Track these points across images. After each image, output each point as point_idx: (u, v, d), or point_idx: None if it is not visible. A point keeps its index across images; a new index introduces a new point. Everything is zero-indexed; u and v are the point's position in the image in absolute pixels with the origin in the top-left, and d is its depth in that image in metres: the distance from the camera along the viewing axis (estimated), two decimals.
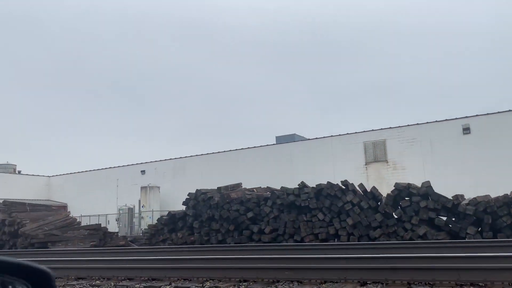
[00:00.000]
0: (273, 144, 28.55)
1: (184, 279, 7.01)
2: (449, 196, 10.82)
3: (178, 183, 27.79)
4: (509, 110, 21.28)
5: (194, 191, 14.25)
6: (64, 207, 32.03)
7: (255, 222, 12.73)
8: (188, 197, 14.23)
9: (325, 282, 6.10)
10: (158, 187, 28.65)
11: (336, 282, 6.01)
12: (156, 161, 31.66)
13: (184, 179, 28.07)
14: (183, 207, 14.55)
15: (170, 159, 31.16)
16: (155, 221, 17.60)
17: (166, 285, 6.65)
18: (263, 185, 14.46)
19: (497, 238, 9.58)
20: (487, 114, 21.69)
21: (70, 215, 20.50)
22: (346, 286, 5.83)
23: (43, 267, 1.14)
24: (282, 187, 12.87)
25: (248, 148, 28.27)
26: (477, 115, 21.83)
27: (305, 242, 11.43)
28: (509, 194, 10.28)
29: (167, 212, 15.48)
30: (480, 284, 4.45)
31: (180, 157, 30.74)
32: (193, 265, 7.61)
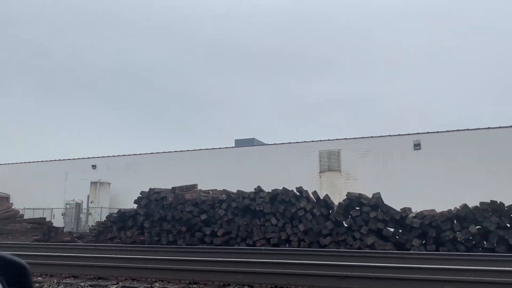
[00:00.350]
0: (232, 147, 28.53)
1: (132, 279, 6.82)
2: (398, 209, 11.24)
3: (131, 181, 27.09)
4: (457, 130, 22.45)
5: (147, 190, 13.95)
6: (6, 198, 30.36)
7: (209, 224, 12.63)
8: (140, 195, 13.90)
9: (275, 287, 6.14)
10: (109, 184, 27.79)
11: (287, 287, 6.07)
12: (109, 156, 30.71)
13: (137, 177, 27.40)
14: (135, 206, 14.20)
15: (124, 155, 30.35)
16: (103, 218, 17.04)
17: (113, 284, 6.44)
18: (221, 188, 14.39)
19: (439, 251, 10.05)
20: (437, 132, 22.76)
21: (13, 207, 19.47)
22: None
23: (19, 259, 1.06)
24: (238, 190, 12.86)
25: (206, 149, 28.08)
26: (428, 132, 22.85)
27: (257, 246, 11.47)
28: (453, 209, 10.81)
29: (117, 210, 15.04)
30: None
31: (135, 154, 30.02)
32: (142, 265, 7.42)
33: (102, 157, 30.76)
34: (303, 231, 11.49)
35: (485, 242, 10.18)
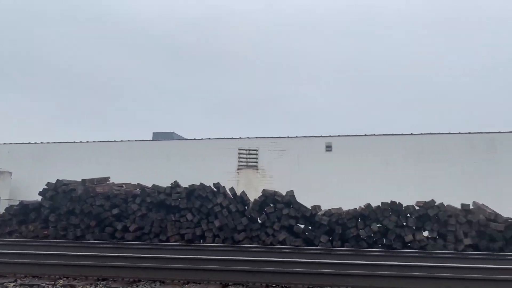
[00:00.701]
0: (150, 140, 27.75)
1: (33, 276, 6.38)
2: (309, 206, 11.79)
3: (37, 171, 25.17)
4: (365, 135, 24.06)
5: (54, 181, 13.06)
6: None
7: (120, 219, 12.18)
8: (46, 187, 12.97)
9: (188, 282, 6.13)
10: (10, 173, 25.53)
11: (199, 283, 6.09)
12: (11, 143, 28.20)
13: (44, 167, 25.52)
14: (39, 198, 13.22)
15: (30, 143, 28.07)
16: (2, 210, 15.63)
17: (11, 281, 5.96)
18: (138, 181, 13.93)
19: (344, 247, 10.74)
20: (347, 135, 24.21)
21: None
22: (209, 287, 5.94)
23: None
24: (153, 185, 12.56)
25: (121, 141, 26.98)
26: (339, 135, 24.21)
27: (170, 242, 11.32)
28: (358, 208, 11.59)
29: (18, 202, 13.89)
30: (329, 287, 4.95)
31: (42, 143, 27.90)
32: (45, 261, 6.96)
33: (3, 144, 28.16)
34: (218, 227, 11.57)
35: (384, 239, 11.08)
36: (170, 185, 12.36)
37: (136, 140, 26.94)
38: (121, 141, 26.93)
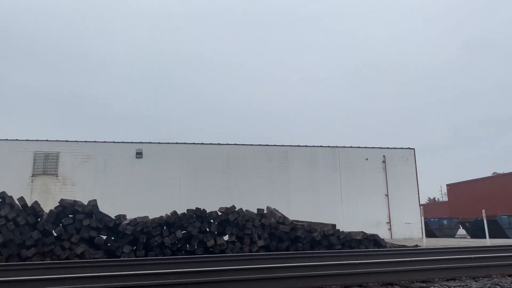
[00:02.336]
0: None
1: None
2: (114, 216, 11.23)
3: None
4: (176, 143, 24.41)
5: None
6: None
7: None
8: None
9: None
10: None
11: None
12: None
13: None
14: None
15: None
16: None
17: None
18: None
19: (148, 256, 10.57)
20: (159, 143, 24.15)
21: None
22: None
23: None
24: None
25: None
26: (150, 142, 23.94)
27: None
28: (164, 216, 11.60)
29: None
30: None
31: None
32: None
33: None
34: (1, 243, 9.96)
35: (187, 246, 11.35)
36: None
37: None
38: None
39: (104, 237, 10.98)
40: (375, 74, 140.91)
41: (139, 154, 23.30)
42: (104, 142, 23.36)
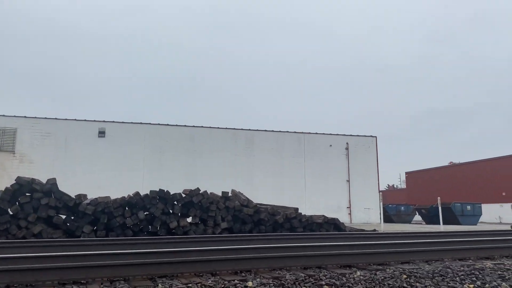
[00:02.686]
0: None
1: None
2: (74, 195, 10.97)
3: None
4: (141, 123, 23.93)
5: None
6: None
7: None
8: None
9: None
10: None
11: None
12: None
13: None
14: None
15: None
16: None
17: None
18: None
19: (109, 237, 10.41)
20: (123, 122, 23.60)
21: None
22: None
23: None
24: None
25: None
26: (113, 121, 23.36)
27: None
28: (126, 197, 11.42)
29: None
30: (82, 281, 4.66)
31: None
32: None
33: None
34: None
35: (150, 227, 11.26)
36: None
37: None
38: None
39: (64, 216, 10.71)
40: (340, 63, 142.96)
41: (101, 133, 22.70)
42: (66, 119, 22.59)
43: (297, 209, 13.04)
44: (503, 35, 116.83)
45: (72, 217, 10.76)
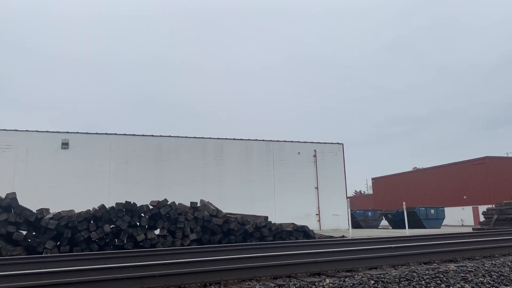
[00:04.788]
0: None
1: None
2: (35, 210, 10.56)
3: None
4: (106, 133, 23.40)
5: None
6: None
7: None
8: None
9: None
10: None
11: None
12: None
13: None
14: None
15: None
16: None
17: None
18: None
19: (73, 252, 10.06)
20: (87, 133, 23.01)
21: None
22: None
23: None
24: None
25: None
26: (77, 132, 22.74)
27: None
28: (91, 210, 11.08)
29: None
30: None
31: None
32: None
33: None
34: None
35: (116, 240, 10.96)
36: None
37: None
38: None
39: (24, 232, 10.27)
40: (305, 69, 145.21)
41: (65, 145, 22.03)
42: (27, 131, 21.79)
43: (266, 217, 13.04)
44: (459, 42, 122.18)
45: (34, 233, 10.33)
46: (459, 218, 38.76)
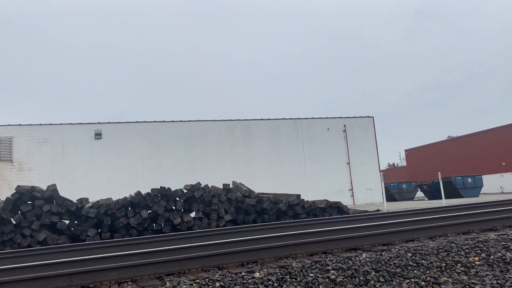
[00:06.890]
0: None
1: None
2: (75, 199, 10.96)
3: None
4: (136, 122, 23.83)
5: None
6: None
7: None
8: None
9: None
10: None
11: None
12: None
13: None
14: None
15: None
16: None
17: None
18: None
19: (114, 238, 10.43)
20: (118, 122, 23.52)
21: None
22: None
23: None
24: None
25: None
26: (109, 122, 23.28)
27: None
28: (128, 197, 11.42)
29: None
30: (90, 286, 4.67)
31: None
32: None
33: None
34: None
35: (154, 225, 11.28)
36: None
37: None
38: None
39: (67, 221, 10.72)
40: (329, 42, 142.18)
41: (98, 135, 22.63)
42: (60, 124, 22.49)
43: (299, 195, 13.07)
44: (490, 4, 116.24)
45: (76, 222, 10.76)
46: (498, 185, 37.63)
